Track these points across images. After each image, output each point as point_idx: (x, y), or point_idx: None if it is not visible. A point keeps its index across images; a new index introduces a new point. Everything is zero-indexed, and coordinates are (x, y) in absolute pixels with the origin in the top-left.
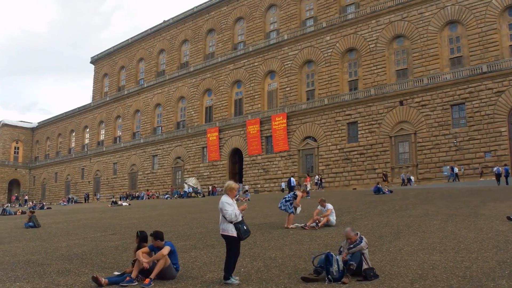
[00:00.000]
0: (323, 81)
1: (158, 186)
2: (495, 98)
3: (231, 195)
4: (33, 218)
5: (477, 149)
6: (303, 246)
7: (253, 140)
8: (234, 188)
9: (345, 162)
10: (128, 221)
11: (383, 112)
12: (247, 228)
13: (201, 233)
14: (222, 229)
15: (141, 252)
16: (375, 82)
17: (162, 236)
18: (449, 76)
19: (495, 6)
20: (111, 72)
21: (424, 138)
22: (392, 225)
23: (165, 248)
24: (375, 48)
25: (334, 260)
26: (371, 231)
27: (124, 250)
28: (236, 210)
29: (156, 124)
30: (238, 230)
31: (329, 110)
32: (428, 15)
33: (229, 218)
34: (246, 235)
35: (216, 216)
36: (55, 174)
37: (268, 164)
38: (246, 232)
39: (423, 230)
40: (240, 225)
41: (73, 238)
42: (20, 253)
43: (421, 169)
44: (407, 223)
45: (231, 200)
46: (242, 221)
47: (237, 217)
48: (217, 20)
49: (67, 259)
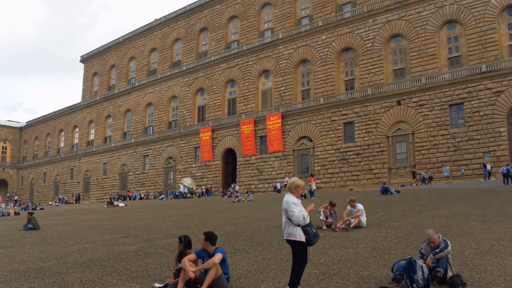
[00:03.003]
0: (319, 81)
1: (149, 186)
2: (494, 98)
3: (297, 193)
4: (32, 220)
5: (476, 150)
6: (348, 250)
7: (247, 140)
8: (299, 186)
9: (341, 162)
10: (134, 222)
11: (380, 112)
12: (316, 232)
13: (222, 236)
14: (287, 233)
15: (188, 260)
16: (372, 82)
17: (215, 240)
18: (448, 75)
19: (494, 5)
20: (101, 71)
21: (422, 138)
22: (426, 226)
23: (217, 255)
24: (372, 47)
25: (418, 267)
26: (410, 232)
27: (146, 256)
28: (303, 212)
29: (148, 123)
30: (306, 234)
31: (325, 110)
32: (426, 14)
33: (296, 220)
34: (316, 240)
35: (225, 217)
36: (44, 174)
37: (263, 164)
38: (315, 236)
39: (467, 231)
40: (308, 228)
41: (81, 242)
42: (28, 259)
43: (419, 170)
44: (443, 224)
45: (297, 200)
46: (310, 224)
47: (305, 220)
48: (210, 19)
49: (84, 266)
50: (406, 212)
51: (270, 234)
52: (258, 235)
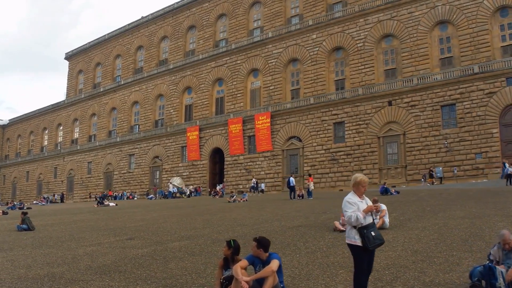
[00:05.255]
0: (309, 80)
1: (135, 186)
2: (487, 99)
3: (357, 192)
4: (27, 220)
5: (467, 151)
6: (388, 253)
7: (235, 140)
8: (360, 183)
9: (331, 162)
10: (134, 223)
11: (371, 112)
12: (377, 235)
13: (238, 238)
14: (346, 235)
15: (240, 268)
16: (363, 82)
17: (269, 246)
18: (440, 76)
19: (487, 6)
20: (87, 69)
21: (413, 139)
22: (453, 227)
23: (274, 262)
24: (363, 47)
25: (499, 273)
26: (441, 234)
27: (165, 260)
28: (358, 212)
29: (133, 122)
30: (362, 237)
31: (315, 110)
32: (418, 14)
33: (348, 221)
34: (374, 244)
35: (229, 218)
36: (27, 173)
37: (251, 164)
38: (374, 239)
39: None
40: (365, 231)
41: (85, 244)
42: (33, 264)
43: (410, 171)
44: (470, 225)
45: (357, 198)
46: (370, 226)
47: (359, 221)
48: (198, 17)
49: (101, 272)
50: (419, 213)
51: (289, 236)
52: (277, 237)
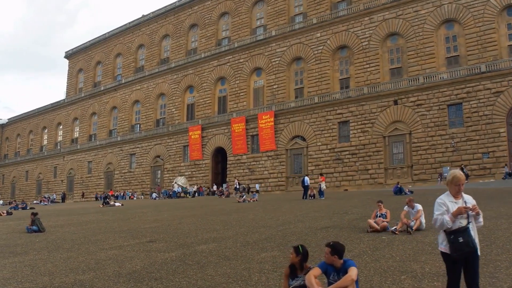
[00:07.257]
0: (313, 79)
1: (136, 185)
2: (494, 98)
3: (452, 191)
4: (37, 221)
5: (474, 150)
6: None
7: (238, 139)
8: (453, 181)
9: (336, 162)
10: (147, 224)
11: (376, 112)
12: (467, 241)
13: (266, 240)
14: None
15: (314, 277)
16: (368, 81)
17: (343, 252)
18: (446, 75)
19: (494, 5)
20: (87, 68)
21: (419, 138)
22: (493, 228)
23: (352, 269)
24: (368, 46)
25: None
26: (485, 236)
27: (200, 266)
28: (445, 215)
29: (134, 121)
30: (450, 243)
31: (319, 109)
32: (424, 13)
33: (434, 224)
34: (462, 252)
35: (246, 218)
36: (26, 172)
37: (254, 164)
38: (461, 246)
39: None
40: (452, 236)
41: (105, 247)
42: (55, 271)
43: (416, 170)
44: (509, 226)
45: (450, 199)
46: (459, 230)
47: (444, 225)
48: (200, 15)
49: (135, 280)
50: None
51: (322, 238)
52: (310, 239)
